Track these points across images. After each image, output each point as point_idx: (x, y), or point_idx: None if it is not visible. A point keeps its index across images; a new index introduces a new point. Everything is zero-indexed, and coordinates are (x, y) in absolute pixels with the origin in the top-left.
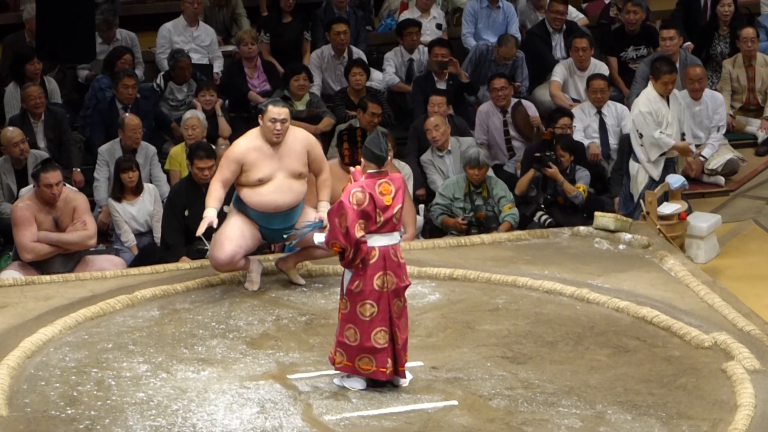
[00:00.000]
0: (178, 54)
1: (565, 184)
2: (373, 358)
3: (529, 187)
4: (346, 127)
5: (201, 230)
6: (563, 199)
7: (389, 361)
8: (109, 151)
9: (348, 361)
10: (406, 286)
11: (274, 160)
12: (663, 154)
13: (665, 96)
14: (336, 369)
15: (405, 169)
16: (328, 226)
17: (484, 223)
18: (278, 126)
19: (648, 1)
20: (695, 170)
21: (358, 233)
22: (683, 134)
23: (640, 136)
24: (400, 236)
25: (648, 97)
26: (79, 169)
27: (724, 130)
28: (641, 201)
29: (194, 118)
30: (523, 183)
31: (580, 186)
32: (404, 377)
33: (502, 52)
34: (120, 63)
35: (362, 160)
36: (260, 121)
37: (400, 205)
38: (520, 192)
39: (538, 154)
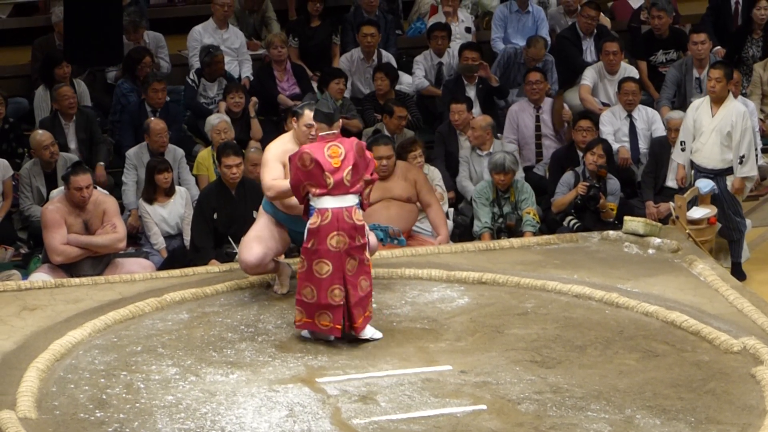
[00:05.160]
0: (213, 48)
1: (606, 213)
2: (331, 314)
3: (568, 205)
4: (373, 132)
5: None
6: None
7: (344, 318)
8: (136, 154)
9: (308, 318)
10: (361, 246)
11: None
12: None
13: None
14: (296, 327)
15: (434, 174)
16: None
17: (515, 232)
18: (313, 131)
19: (677, 4)
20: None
21: (302, 192)
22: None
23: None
24: (360, 201)
25: None
26: (102, 164)
27: (759, 137)
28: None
29: (223, 122)
30: (562, 203)
31: (612, 205)
32: (361, 332)
33: (530, 53)
34: (141, 67)
35: (315, 123)
36: (294, 124)
37: (349, 167)
38: (558, 211)
39: (589, 194)
